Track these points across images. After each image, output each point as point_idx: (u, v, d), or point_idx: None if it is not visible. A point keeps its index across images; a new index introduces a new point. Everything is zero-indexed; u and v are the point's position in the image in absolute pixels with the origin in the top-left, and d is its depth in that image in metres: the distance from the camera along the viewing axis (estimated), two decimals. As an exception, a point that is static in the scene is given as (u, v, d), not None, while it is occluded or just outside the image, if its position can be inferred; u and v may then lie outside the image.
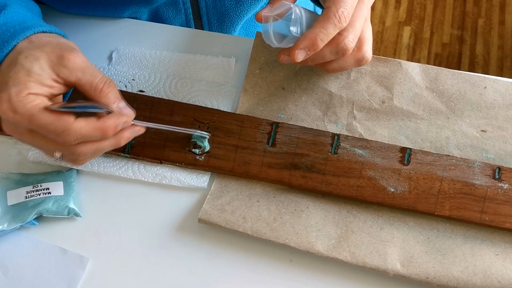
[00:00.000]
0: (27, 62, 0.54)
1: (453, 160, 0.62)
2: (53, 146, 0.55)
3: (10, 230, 0.62)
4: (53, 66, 0.55)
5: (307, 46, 0.56)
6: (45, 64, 0.55)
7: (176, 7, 0.77)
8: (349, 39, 0.58)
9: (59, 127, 0.53)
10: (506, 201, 0.60)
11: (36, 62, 0.54)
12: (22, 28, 0.57)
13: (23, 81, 0.53)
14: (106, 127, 0.54)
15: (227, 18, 0.79)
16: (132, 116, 0.57)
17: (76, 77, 0.55)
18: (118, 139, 0.57)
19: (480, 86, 0.66)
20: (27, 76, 0.54)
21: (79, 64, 0.56)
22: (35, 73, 0.54)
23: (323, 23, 0.56)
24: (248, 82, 0.68)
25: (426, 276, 0.57)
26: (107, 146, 0.57)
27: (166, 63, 0.71)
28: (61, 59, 0.55)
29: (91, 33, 0.74)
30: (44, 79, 0.54)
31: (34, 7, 0.65)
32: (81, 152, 0.56)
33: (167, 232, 0.62)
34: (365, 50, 0.62)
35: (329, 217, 0.61)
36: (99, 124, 0.54)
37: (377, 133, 0.65)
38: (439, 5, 1.94)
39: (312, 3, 0.81)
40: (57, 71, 0.55)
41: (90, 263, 0.61)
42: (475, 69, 1.81)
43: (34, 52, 0.55)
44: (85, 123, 0.54)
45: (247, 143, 0.64)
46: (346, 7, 0.56)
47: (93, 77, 0.56)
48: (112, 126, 0.55)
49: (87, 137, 0.54)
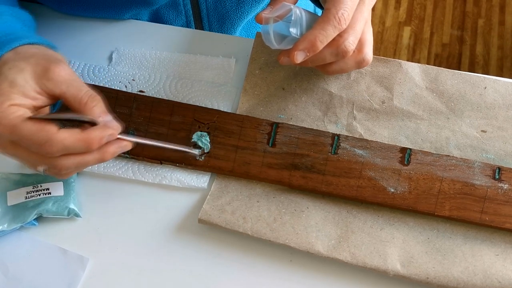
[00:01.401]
0: (11, 74, 0.54)
1: (453, 160, 0.62)
2: (35, 158, 0.54)
3: (10, 231, 0.62)
4: (37, 78, 0.54)
5: (306, 47, 0.56)
6: (29, 76, 0.54)
7: (177, 9, 0.77)
8: (349, 41, 0.58)
9: (42, 137, 0.52)
10: (506, 201, 0.60)
11: (20, 73, 0.54)
12: (9, 40, 0.57)
13: (6, 92, 0.53)
14: (91, 139, 0.53)
15: (228, 20, 0.79)
16: (118, 129, 0.55)
17: (61, 90, 0.54)
18: (103, 153, 0.55)
19: (480, 87, 0.66)
20: (9, 87, 0.53)
21: (64, 77, 0.55)
22: (18, 85, 0.53)
23: (322, 24, 0.56)
24: (248, 82, 0.68)
25: (426, 277, 0.57)
26: (91, 161, 0.55)
27: (166, 64, 0.71)
28: (46, 72, 0.54)
29: (91, 34, 0.74)
30: (27, 91, 0.54)
31: (26, 17, 0.65)
32: (63, 165, 0.54)
33: (167, 233, 0.62)
34: (366, 52, 0.62)
35: (329, 217, 0.61)
36: (83, 136, 0.53)
37: (377, 133, 0.65)
38: (439, 5, 1.95)
39: (313, 4, 0.81)
40: (41, 84, 0.54)
41: (90, 263, 0.61)
42: (475, 69, 1.81)
43: (19, 63, 0.54)
44: (69, 134, 0.52)
45: (247, 144, 0.64)
46: (346, 9, 0.56)
47: (78, 90, 0.54)
48: (96, 138, 0.53)
49: (71, 149, 0.53)
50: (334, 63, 0.62)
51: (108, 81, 0.70)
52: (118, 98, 0.67)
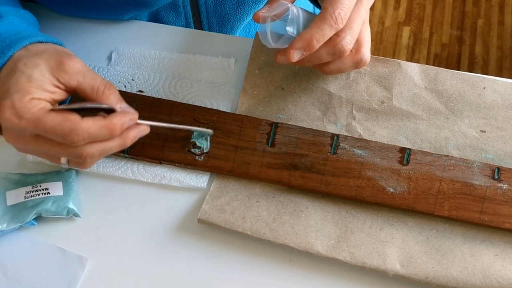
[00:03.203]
0: (27, 69, 0.54)
1: (452, 160, 0.62)
2: (59, 149, 0.55)
3: (10, 230, 0.62)
4: (53, 72, 0.55)
5: (302, 46, 0.56)
6: (45, 70, 0.55)
7: (177, 10, 0.77)
8: (346, 41, 0.58)
9: (66, 127, 0.52)
10: (505, 201, 0.60)
11: (36, 68, 0.55)
12: (18, 39, 0.58)
13: (25, 87, 0.53)
14: (113, 124, 0.54)
15: (228, 22, 0.79)
16: (136, 114, 0.57)
17: (77, 81, 0.56)
18: (124, 139, 0.57)
19: (479, 87, 0.66)
20: (28, 82, 0.54)
21: (79, 68, 0.56)
22: (36, 79, 0.54)
23: (319, 23, 0.56)
24: (248, 82, 0.68)
25: (426, 276, 0.57)
26: (114, 147, 0.56)
27: (166, 63, 0.71)
28: (61, 65, 0.55)
29: (90, 34, 0.74)
30: (45, 84, 0.54)
31: (30, 17, 0.65)
32: (88, 153, 0.55)
33: (167, 232, 0.62)
34: (363, 52, 0.61)
35: (329, 217, 0.61)
36: (106, 122, 0.54)
37: (376, 133, 0.65)
38: (439, 5, 1.95)
39: (312, 5, 0.81)
40: (57, 77, 0.55)
41: (89, 263, 0.61)
42: (474, 69, 1.81)
43: (33, 59, 0.55)
44: (92, 122, 0.53)
45: (247, 143, 0.64)
46: (343, 8, 0.56)
47: (93, 80, 0.56)
48: (119, 124, 0.55)
49: (95, 136, 0.54)
50: (332, 62, 0.61)
51: (107, 81, 0.70)
52: (118, 98, 0.67)
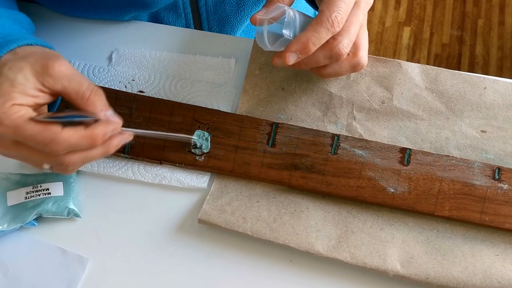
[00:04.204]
0: (11, 73, 0.54)
1: (453, 160, 0.62)
2: (41, 157, 0.54)
3: (10, 231, 0.62)
4: (38, 76, 0.54)
5: (298, 49, 0.56)
6: (29, 74, 0.54)
7: (177, 12, 0.77)
8: (343, 44, 0.58)
9: (46, 137, 0.52)
10: (505, 202, 0.60)
11: (20, 72, 0.54)
12: (6, 41, 0.57)
13: (7, 92, 0.53)
14: (95, 135, 0.53)
15: (228, 24, 0.79)
16: (120, 123, 0.56)
17: (62, 85, 0.54)
18: (107, 147, 0.56)
19: (480, 87, 0.66)
20: (11, 87, 0.53)
21: (64, 72, 0.55)
22: (19, 83, 0.53)
23: (315, 26, 0.56)
24: (248, 82, 0.68)
25: (426, 277, 0.57)
26: (96, 155, 0.56)
27: (166, 64, 0.71)
28: (46, 68, 0.54)
29: (91, 34, 0.74)
30: (28, 89, 0.54)
31: (24, 19, 0.65)
32: (69, 162, 0.55)
33: (167, 233, 0.62)
34: (361, 56, 0.61)
35: (329, 217, 0.61)
36: (87, 133, 0.53)
37: (377, 133, 0.65)
38: (439, 5, 1.95)
39: (312, 9, 0.81)
40: (41, 81, 0.54)
41: (90, 263, 0.61)
42: (475, 69, 1.81)
43: (18, 63, 0.54)
44: (73, 132, 0.53)
45: (247, 144, 0.64)
46: (340, 11, 0.56)
47: (79, 85, 0.55)
48: (100, 134, 0.54)
49: (76, 146, 0.53)
50: (329, 66, 0.61)
51: (108, 81, 0.70)
52: (118, 98, 0.67)
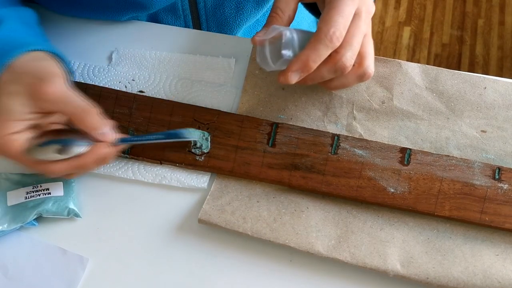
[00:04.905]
0: (8, 100, 0.56)
1: (453, 160, 0.62)
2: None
3: (10, 231, 0.62)
4: (34, 100, 0.56)
5: (299, 67, 0.56)
6: (25, 99, 0.56)
7: (176, 13, 0.77)
8: (347, 57, 0.57)
9: (41, 169, 0.58)
10: (506, 202, 0.60)
11: (15, 99, 0.56)
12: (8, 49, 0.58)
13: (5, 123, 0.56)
14: (87, 164, 0.58)
15: (227, 26, 0.79)
16: (113, 139, 0.59)
17: (58, 108, 0.57)
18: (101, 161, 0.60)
19: (480, 87, 0.66)
20: (7, 115, 0.56)
21: (59, 95, 0.56)
22: (15, 111, 0.56)
23: (314, 44, 0.56)
24: (248, 82, 0.68)
25: (426, 277, 0.57)
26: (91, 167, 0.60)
27: (166, 64, 0.71)
28: (40, 94, 0.56)
29: (91, 34, 0.74)
30: (24, 114, 0.56)
31: (29, 18, 0.66)
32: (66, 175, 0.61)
33: (167, 233, 0.62)
34: (367, 65, 0.61)
35: (329, 217, 0.61)
36: (79, 162, 0.58)
37: (377, 133, 0.65)
38: (439, 5, 1.95)
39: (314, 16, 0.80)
40: (37, 105, 0.56)
41: (90, 263, 0.61)
42: (475, 69, 1.81)
43: (14, 87, 0.56)
44: (67, 163, 0.58)
45: (247, 144, 0.64)
46: (338, 27, 0.56)
47: (74, 108, 0.57)
48: (92, 161, 0.58)
49: (69, 172, 0.59)
50: (335, 79, 0.61)
51: (108, 81, 0.70)
52: (118, 98, 0.67)
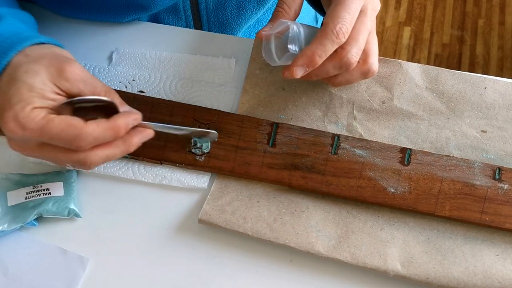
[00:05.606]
0: (28, 78, 0.54)
1: (453, 160, 0.62)
2: (65, 156, 0.55)
3: (10, 231, 0.62)
4: (54, 80, 0.55)
5: (305, 62, 0.56)
6: (46, 78, 0.55)
7: (177, 14, 0.77)
8: (352, 53, 0.58)
9: (71, 133, 0.52)
10: (506, 202, 0.60)
11: (37, 76, 0.54)
12: (17, 40, 0.57)
13: (27, 97, 0.53)
14: (118, 126, 0.54)
15: (228, 26, 0.79)
16: (140, 114, 0.57)
17: (78, 88, 0.56)
18: (128, 145, 0.57)
19: (480, 87, 0.66)
20: (29, 91, 0.54)
21: (79, 75, 0.56)
22: (37, 88, 0.54)
23: (320, 39, 0.56)
24: (248, 82, 0.68)
25: (427, 277, 0.57)
26: (118, 153, 0.56)
27: (166, 64, 0.71)
28: (61, 72, 0.55)
29: (91, 34, 0.74)
30: (46, 92, 0.54)
31: (27, 17, 0.65)
32: (91, 161, 0.55)
33: (167, 233, 0.62)
34: (371, 62, 0.61)
35: (329, 217, 0.61)
36: (110, 124, 0.54)
37: (377, 133, 0.65)
38: (439, 5, 1.95)
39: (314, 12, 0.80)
40: (58, 85, 0.55)
41: (90, 263, 0.61)
42: (475, 69, 1.81)
43: (33, 66, 0.55)
44: (96, 125, 0.53)
45: (247, 144, 0.64)
46: (344, 22, 0.56)
47: (93, 87, 0.56)
48: (123, 125, 0.55)
49: (100, 139, 0.54)
50: (340, 75, 0.61)
51: (108, 82, 0.70)
52: (118, 98, 0.67)
